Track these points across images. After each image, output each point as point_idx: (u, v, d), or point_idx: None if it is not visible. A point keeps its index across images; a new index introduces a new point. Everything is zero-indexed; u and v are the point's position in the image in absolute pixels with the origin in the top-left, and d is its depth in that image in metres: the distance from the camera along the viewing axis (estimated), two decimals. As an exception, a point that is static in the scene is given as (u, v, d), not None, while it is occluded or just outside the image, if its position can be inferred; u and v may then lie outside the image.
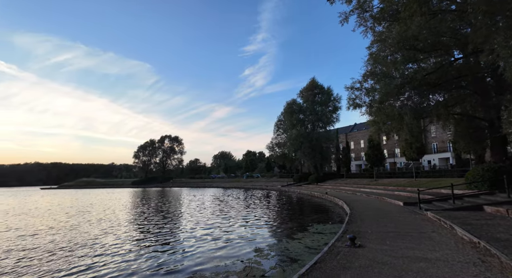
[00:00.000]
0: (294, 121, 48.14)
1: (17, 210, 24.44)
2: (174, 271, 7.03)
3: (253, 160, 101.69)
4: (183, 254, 8.57)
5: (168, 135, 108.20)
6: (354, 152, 61.69)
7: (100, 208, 24.37)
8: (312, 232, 11.46)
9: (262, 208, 20.95)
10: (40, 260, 8.40)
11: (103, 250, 9.35)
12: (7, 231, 13.75)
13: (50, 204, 30.19)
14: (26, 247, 10.08)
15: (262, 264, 7.29)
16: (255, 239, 10.44)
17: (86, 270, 7.39)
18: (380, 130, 18.13)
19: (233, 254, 8.46)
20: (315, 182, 44.04)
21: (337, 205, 20.62)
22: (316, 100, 47.28)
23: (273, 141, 56.96)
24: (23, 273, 7.25)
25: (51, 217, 19.01)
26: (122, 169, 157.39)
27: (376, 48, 15.00)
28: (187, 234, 11.90)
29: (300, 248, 8.86)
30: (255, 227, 13.20)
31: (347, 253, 6.33)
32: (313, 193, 31.32)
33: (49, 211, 22.53)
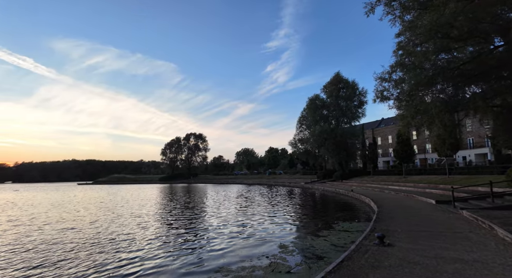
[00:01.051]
0: (317, 117, 47.26)
1: (68, 203, 26.46)
2: (201, 265, 7.23)
3: (276, 157, 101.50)
4: (209, 249, 8.78)
5: (193, 133, 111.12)
6: (381, 148, 59.36)
7: (135, 203, 25.66)
8: (337, 229, 11.25)
9: (286, 205, 20.91)
10: (86, 252, 9.05)
11: (137, 243, 9.87)
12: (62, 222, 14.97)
13: (94, 198, 32.31)
14: (75, 239, 10.91)
15: (288, 261, 7.30)
16: (279, 236, 10.46)
17: (122, 262, 7.84)
18: (410, 125, 17.24)
19: (258, 250, 8.55)
20: (340, 179, 43.05)
21: (364, 202, 20.03)
22: (340, 95, 45.98)
23: (296, 137, 56.36)
24: (70, 264, 7.86)
25: (95, 210, 20.36)
26: (150, 165, 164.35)
27: (405, 38, 14.22)
28: (212, 230, 12.20)
29: (325, 245, 8.75)
30: (279, 223, 13.21)
31: (375, 251, 6.14)
32: (338, 190, 30.66)
33: (92, 204, 24.14)
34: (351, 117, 45.94)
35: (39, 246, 9.72)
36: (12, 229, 13.26)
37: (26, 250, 9.15)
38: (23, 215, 18.45)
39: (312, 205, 21.62)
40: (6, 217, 17.44)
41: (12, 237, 11.44)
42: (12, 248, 9.55)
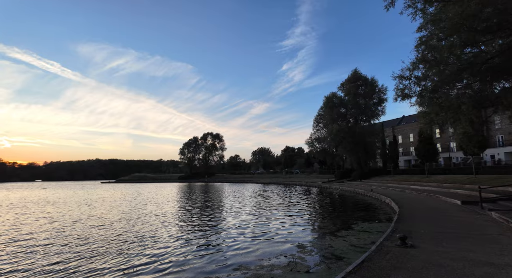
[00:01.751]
0: (334, 116, 46.46)
1: (98, 201, 27.78)
2: (220, 263, 7.34)
3: (292, 156, 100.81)
4: (227, 248, 8.88)
5: (210, 133, 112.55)
6: (402, 147, 57.42)
7: (158, 201, 26.44)
8: (357, 230, 11.05)
9: (303, 204, 20.76)
10: (115, 247, 9.48)
11: (160, 241, 10.19)
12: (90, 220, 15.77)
13: (120, 196, 33.67)
14: (103, 235, 11.46)
15: (306, 260, 7.27)
16: (297, 235, 10.43)
17: (146, 258, 8.13)
18: (433, 122, 16.58)
19: (276, 249, 8.57)
20: (359, 179, 42.11)
21: (384, 202, 19.50)
22: (358, 93, 44.91)
23: (313, 136, 55.75)
24: (101, 258, 8.26)
25: (122, 208, 21.22)
26: (169, 164, 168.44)
27: (428, 32, 13.66)
28: (230, 228, 12.33)
29: (345, 246, 8.63)
30: (297, 223, 13.16)
31: (397, 253, 5.99)
32: (357, 190, 30.02)
33: (119, 202, 25.18)
34: (370, 115, 44.77)
35: (73, 241, 10.26)
36: (48, 225, 14.07)
37: (61, 245, 9.70)
38: (56, 212, 19.53)
39: (330, 204, 21.33)
40: (42, 214, 18.52)
41: (48, 233, 12.14)
42: (50, 242, 10.16)
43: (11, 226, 13.81)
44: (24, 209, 21.25)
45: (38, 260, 7.95)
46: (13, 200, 30.40)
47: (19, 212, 19.49)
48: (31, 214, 18.27)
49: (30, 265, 7.51)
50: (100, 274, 6.66)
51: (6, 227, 13.42)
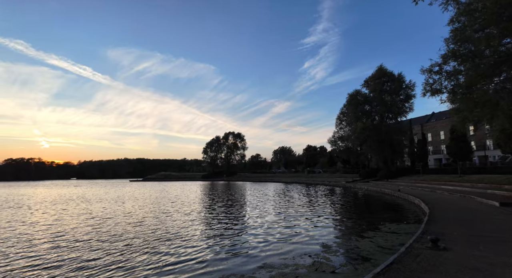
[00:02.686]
0: (358, 113, 45.07)
1: (134, 198, 29.33)
2: (244, 261, 7.47)
3: (314, 155, 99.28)
4: (251, 246, 8.99)
5: (232, 132, 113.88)
6: (432, 145, 54.53)
7: (184, 199, 27.33)
8: (384, 231, 10.72)
9: (327, 204, 20.44)
10: (144, 243, 9.99)
11: (188, 238, 10.56)
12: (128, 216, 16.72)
13: (149, 194, 35.25)
14: (136, 232, 12.11)
15: (332, 260, 7.19)
16: (322, 235, 10.32)
17: (173, 254, 8.48)
18: (467, 119, 15.64)
19: (300, 248, 8.55)
20: (385, 178, 40.60)
21: (413, 203, 18.69)
22: (384, 89, 43.21)
23: (336, 135, 54.48)
24: (132, 253, 8.74)
25: (151, 206, 22.23)
26: (193, 163, 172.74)
27: (461, 24, 12.87)
28: (254, 227, 12.44)
29: (371, 247, 8.42)
30: (321, 223, 13.00)
31: (428, 255, 5.76)
32: (383, 190, 28.99)
33: (149, 200, 26.38)
34: (397, 112, 42.89)
35: (108, 237, 10.92)
36: (87, 221, 15.07)
37: (99, 240, 10.37)
38: (93, 208, 20.83)
39: (355, 205, 20.81)
40: (82, 210, 19.85)
41: (87, 228, 13.02)
42: (89, 237, 10.90)
43: (55, 220, 14.95)
44: (65, 205, 22.88)
45: (77, 253, 8.57)
46: (54, 196, 32.83)
47: (60, 208, 21.01)
48: (71, 210, 19.64)
49: (68, 258, 8.11)
50: (132, 269, 7.04)
51: (50, 222, 14.56)
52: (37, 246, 9.38)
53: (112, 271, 6.82)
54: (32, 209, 19.86)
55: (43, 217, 16.12)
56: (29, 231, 12.06)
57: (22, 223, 14.14)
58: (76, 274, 6.69)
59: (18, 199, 29.15)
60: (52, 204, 23.29)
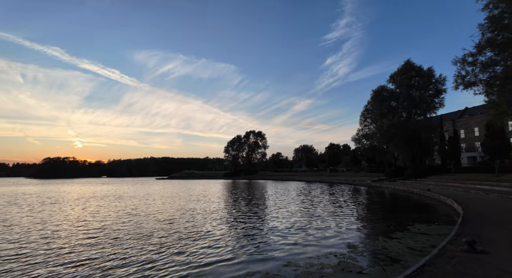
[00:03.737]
0: (384, 110, 43.39)
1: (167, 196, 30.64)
2: (269, 259, 7.51)
3: (337, 153, 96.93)
4: (275, 245, 8.99)
5: (252, 131, 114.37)
6: (465, 142, 51.24)
7: (209, 198, 28.00)
8: (413, 232, 10.29)
9: (352, 204, 19.96)
10: (172, 240, 10.40)
11: (212, 235, 10.82)
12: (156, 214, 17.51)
13: (176, 192, 36.54)
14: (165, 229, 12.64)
15: (358, 261, 7.04)
16: (347, 235, 10.11)
17: (199, 251, 8.72)
18: (505, 113, 14.54)
19: (326, 248, 8.44)
20: (413, 177, 38.82)
21: (444, 203, 17.73)
22: (412, 84, 41.24)
23: (360, 133, 52.73)
24: (159, 250, 9.13)
25: (177, 203, 23.05)
26: (215, 162, 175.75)
27: (499, 11, 11.96)
28: (277, 226, 12.44)
29: (400, 248, 8.12)
30: (346, 222, 12.73)
31: (464, 258, 5.46)
32: (412, 189, 27.76)
33: (177, 198, 27.36)
34: (426, 108, 40.78)
35: (139, 233, 11.48)
36: (120, 219, 15.91)
37: (129, 237, 10.93)
38: (128, 205, 21.93)
39: (381, 204, 20.13)
40: (116, 207, 21.00)
41: (120, 226, 13.75)
42: (120, 233, 11.52)
43: (92, 217, 15.95)
44: (101, 201, 24.30)
45: (114, 249, 9.09)
46: (90, 193, 34.95)
47: (97, 204, 22.35)
48: (107, 206, 20.81)
49: (105, 254, 8.62)
50: (158, 264, 7.35)
51: (88, 217, 15.55)
52: (78, 241, 10.05)
53: (139, 267, 7.16)
54: (72, 205, 21.24)
55: (82, 213, 17.21)
56: (69, 227, 12.95)
57: (65, 217, 15.21)
58: (114, 270, 7.10)
59: (58, 195, 31.35)
60: (88, 200, 24.80)
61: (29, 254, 8.32)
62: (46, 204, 21.66)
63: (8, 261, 7.70)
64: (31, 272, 6.83)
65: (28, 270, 6.93)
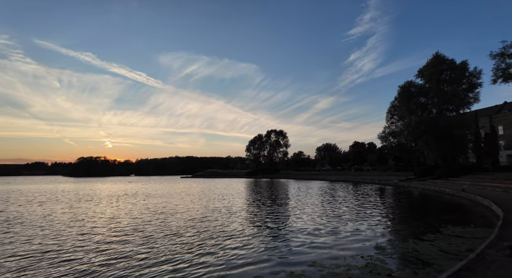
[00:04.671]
0: (412, 107, 41.43)
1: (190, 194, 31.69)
2: (293, 259, 7.43)
3: (362, 152, 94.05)
4: (300, 244, 8.87)
5: (273, 130, 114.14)
6: (504, 139, 47.48)
7: (233, 196, 28.42)
8: (446, 234, 9.72)
9: (379, 204, 19.27)
10: (200, 237, 10.69)
11: (237, 234, 10.93)
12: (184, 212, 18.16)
13: (202, 190, 37.55)
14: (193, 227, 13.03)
15: (387, 263, 6.78)
16: (374, 236, 9.78)
17: (223, 249, 8.87)
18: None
19: (352, 249, 8.22)
20: (445, 177, 36.66)
21: (481, 205, 16.59)
22: (442, 79, 38.97)
23: (386, 130, 50.72)
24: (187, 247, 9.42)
25: (202, 201, 23.66)
26: (237, 161, 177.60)
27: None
28: (302, 224, 12.30)
29: (432, 251, 7.71)
30: (373, 223, 12.32)
31: (507, 263, 5.07)
32: (443, 189, 26.25)
33: (204, 196, 28.12)
34: (459, 103, 38.37)
35: (168, 231, 11.91)
36: (152, 216, 16.61)
37: (160, 234, 11.37)
38: (155, 203, 22.88)
39: (410, 205, 19.25)
40: (146, 205, 21.98)
41: (152, 223, 14.34)
42: (153, 231, 12.03)
43: (125, 214, 16.79)
44: (130, 198, 25.54)
45: (145, 246, 9.51)
46: (121, 191, 36.83)
47: (129, 201, 23.51)
48: (137, 203, 21.83)
49: (137, 251, 9.04)
50: (187, 263, 7.56)
51: (120, 215, 16.40)
52: (113, 238, 10.58)
53: (170, 266, 7.41)
54: (107, 202, 22.45)
55: (116, 211, 18.15)
56: (105, 224, 13.72)
57: (101, 214, 16.15)
58: (148, 268, 7.43)
59: (93, 193, 33.35)
60: (121, 198, 26.15)
61: (69, 250, 8.92)
62: (82, 201, 23.07)
63: (50, 256, 8.32)
64: (71, 266, 7.32)
65: (67, 265, 7.44)
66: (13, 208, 19.21)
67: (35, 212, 16.85)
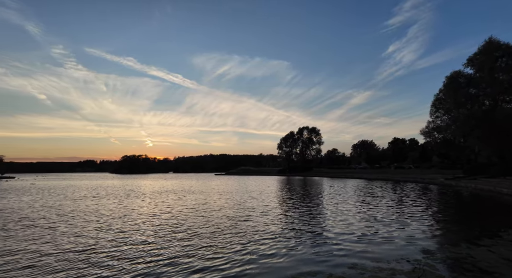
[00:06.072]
0: (460, 99, 37.80)
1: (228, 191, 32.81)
2: (332, 259, 7.21)
3: (402, 149, 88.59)
4: (338, 246, 8.57)
5: (306, 127, 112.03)
6: None
7: (268, 194, 28.62)
8: (508, 239, 8.71)
9: (423, 204, 17.93)
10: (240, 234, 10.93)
11: (275, 233, 10.94)
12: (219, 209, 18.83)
13: (238, 187, 38.51)
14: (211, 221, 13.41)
15: (438, 269, 6.26)
16: (420, 239, 9.10)
17: (257, 250, 8.90)
18: None
19: (395, 252, 7.74)
20: (502, 175, 32.93)
21: (549, 208, 14.62)
22: (497, 66, 34.92)
23: (430, 125, 46.93)
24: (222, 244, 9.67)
25: (240, 199, 24.22)
26: (269, 159, 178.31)
27: None
28: (342, 225, 11.86)
29: (492, 257, 6.96)
30: (418, 224, 11.49)
31: None
32: (500, 189, 23.63)
33: (239, 192, 28.83)
34: (518, 93, 34.15)
35: (205, 227, 12.36)
36: (195, 213, 17.37)
37: (206, 231, 11.84)
38: (189, 200, 23.90)
39: (460, 206, 17.64)
40: (192, 201, 23.08)
41: (196, 220, 15.00)
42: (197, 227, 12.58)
43: (170, 210, 17.79)
44: (172, 195, 26.99)
45: (188, 243, 9.95)
46: (163, 187, 39.10)
47: (172, 198, 24.87)
48: (179, 199, 22.98)
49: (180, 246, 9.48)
50: (223, 260, 7.73)
51: (165, 210, 17.39)
52: (158, 234, 11.23)
53: (208, 263, 7.65)
54: (151, 199, 23.79)
55: (162, 206, 19.27)
56: (150, 219, 14.64)
57: (147, 210, 17.29)
58: (187, 264, 7.76)
59: (137, 189, 35.73)
60: (163, 194, 27.75)
61: (122, 243, 9.66)
62: (131, 197, 24.78)
63: (104, 249, 9.09)
64: (123, 260, 7.92)
65: (121, 259, 8.06)
66: (70, 202, 21.37)
67: (90, 207, 18.53)
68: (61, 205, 18.99)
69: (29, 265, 7.00)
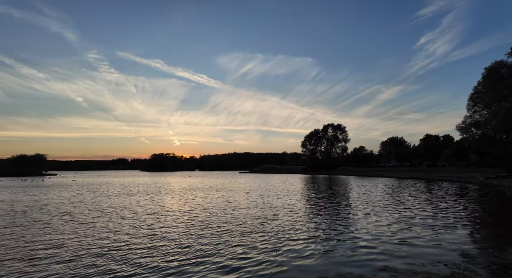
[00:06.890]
0: (502, 91, 34.80)
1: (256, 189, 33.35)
2: (363, 260, 7.05)
3: (436, 145, 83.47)
4: (370, 246, 8.36)
5: (331, 124, 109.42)
6: None
7: (293, 193, 28.51)
8: (560, 246, 7.94)
9: (460, 205, 16.85)
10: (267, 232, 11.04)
11: (305, 233, 10.89)
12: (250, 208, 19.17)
13: (264, 185, 38.86)
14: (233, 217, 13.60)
15: (479, 274, 5.89)
16: (457, 242, 8.59)
17: (286, 251, 8.89)
18: None
19: (430, 255, 7.38)
20: (552, 175, 29.94)
21: None
22: (546, 54, 31.73)
23: (468, 120, 43.73)
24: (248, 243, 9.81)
25: (265, 198, 24.42)
26: (293, 157, 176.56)
27: None
28: (371, 226, 11.53)
29: (541, 265, 6.40)
30: (456, 226, 10.84)
31: None
32: (550, 190, 21.50)
33: (265, 190, 29.08)
34: None
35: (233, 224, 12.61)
36: (220, 211, 17.78)
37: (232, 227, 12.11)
38: (217, 197, 24.47)
39: (503, 207, 16.35)
40: (219, 198, 23.68)
41: (221, 216, 15.38)
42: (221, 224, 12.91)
43: (198, 207, 18.38)
44: (200, 192, 27.83)
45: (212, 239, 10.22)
46: (191, 185, 40.42)
47: (199, 195, 25.66)
48: (206, 197, 23.65)
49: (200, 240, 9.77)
50: (251, 260, 7.82)
51: (194, 207, 17.98)
52: (186, 230, 11.62)
53: (236, 262, 7.78)
54: (180, 195, 24.73)
55: (191, 203, 19.91)
56: (180, 215, 15.23)
57: (178, 207, 18.01)
58: (216, 263, 7.97)
59: (167, 186, 37.32)
60: (192, 191, 28.71)
61: (155, 240, 10.17)
62: (161, 194, 25.92)
63: (142, 244, 9.60)
64: (156, 255, 8.33)
65: (152, 254, 8.49)
66: (105, 198, 22.81)
67: (124, 203, 19.67)
68: (99, 201, 20.33)
69: (71, 259, 7.50)
